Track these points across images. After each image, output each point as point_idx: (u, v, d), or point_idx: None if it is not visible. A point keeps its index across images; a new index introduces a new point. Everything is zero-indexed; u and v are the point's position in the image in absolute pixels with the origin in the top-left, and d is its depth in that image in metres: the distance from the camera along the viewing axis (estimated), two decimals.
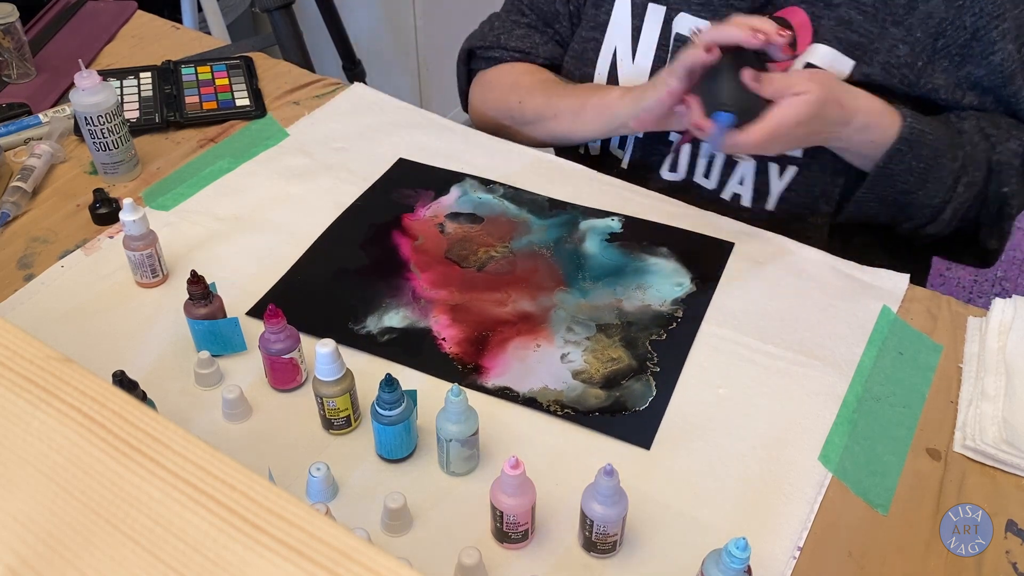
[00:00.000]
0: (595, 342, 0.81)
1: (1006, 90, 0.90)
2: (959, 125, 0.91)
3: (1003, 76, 0.89)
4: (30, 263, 0.90)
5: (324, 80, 1.19)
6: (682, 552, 0.65)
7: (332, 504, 0.67)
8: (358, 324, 0.83)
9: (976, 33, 0.87)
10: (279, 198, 0.98)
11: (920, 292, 0.87)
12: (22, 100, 1.13)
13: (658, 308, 0.84)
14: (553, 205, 0.97)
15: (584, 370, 0.78)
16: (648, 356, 0.79)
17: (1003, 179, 0.91)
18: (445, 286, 0.87)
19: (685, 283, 0.87)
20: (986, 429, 0.71)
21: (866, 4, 0.89)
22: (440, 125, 1.10)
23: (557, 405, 0.75)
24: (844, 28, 0.90)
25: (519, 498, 0.62)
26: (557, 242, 0.92)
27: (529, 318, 0.83)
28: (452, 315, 0.84)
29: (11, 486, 0.35)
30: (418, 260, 0.90)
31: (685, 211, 0.96)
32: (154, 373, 0.78)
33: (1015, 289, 2.09)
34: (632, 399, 0.76)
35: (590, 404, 0.75)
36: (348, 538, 0.32)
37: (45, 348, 0.40)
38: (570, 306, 0.84)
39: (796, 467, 0.70)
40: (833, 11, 0.90)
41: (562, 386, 0.77)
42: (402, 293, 0.86)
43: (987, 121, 0.91)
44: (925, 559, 0.65)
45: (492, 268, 0.89)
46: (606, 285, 0.87)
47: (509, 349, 0.80)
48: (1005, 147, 0.90)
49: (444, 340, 0.81)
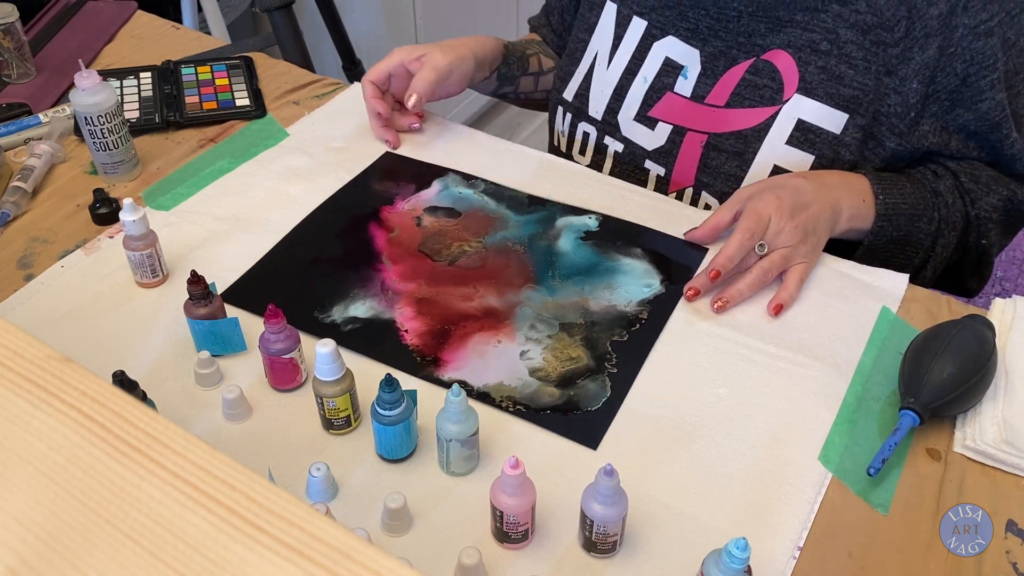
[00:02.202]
0: (556, 340, 0.81)
1: (991, 136, 0.91)
2: (935, 185, 0.92)
3: (989, 124, 0.90)
4: (30, 263, 0.90)
5: (324, 80, 1.20)
6: (682, 552, 0.65)
7: (332, 504, 0.67)
8: (324, 313, 0.84)
9: (967, 80, 0.87)
10: (279, 198, 0.98)
11: (920, 292, 0.87)
12: (22, 100, 1.13)
13: (623, 308, 0.84)
14: (532, 201, 0.97)
15: (541, 368, 0.78)
16: (607, 357, 0.79)
17: (982, 232, 0.94)
18: (414, 279, 0.88)
19: (655, 284, 0.87)
20: (986, 429, 0.71)
21: (855, 57, 0.89)
22: (440, 125, 1.10)
23: (510, 401, 0.75)
24: (835, 83, 0.90)
25: (519, 498, 0.62)
26: (532, 238, 0.92)
27: (494, 314, 0.84)
28: (417, 308, 0.84)
29: (11, 486, 0.35)
30: (391, 252, 0.91)
31: (685, 210, 0.96)
32: (154, 373, 0.78)
33: (1015, 289, 2.09)
34: (585, 399, 0.76)
35: (543, 402, 0.75)
36: (348, 538, 0.32)
37: (45, 348, 0.40)
38: (536, 304, 0.85)
39: (796, 467, 0.70)
40: (821, 59, 0.90)
41: (517, 383, 0.77)
42: (371, 284, 0.87)
43: (967, 176, 0.93)
44: (925, 559, 0.65)
45: (463, 262, 0.90)
46: (575, 284, 0.87)
47: (470, 344, 0.81)
48: (984, 202, 0.93)
49: (406, 332, 0.82)
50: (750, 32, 0.93)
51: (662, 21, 0.98)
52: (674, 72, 0.98)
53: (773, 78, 0.92)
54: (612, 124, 1.03)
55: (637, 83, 1.00)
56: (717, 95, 0.95)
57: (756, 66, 0.93)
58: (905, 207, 0.90)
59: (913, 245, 0.92)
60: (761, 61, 0.93)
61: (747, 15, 0.93)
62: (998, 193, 0.93)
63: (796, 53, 0.91)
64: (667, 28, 0.98)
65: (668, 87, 0.98)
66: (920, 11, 0.86)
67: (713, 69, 0.95)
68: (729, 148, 0.95)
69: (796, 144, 0.92)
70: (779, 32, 0.92)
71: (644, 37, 1.00)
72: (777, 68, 0.92)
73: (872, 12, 0.87)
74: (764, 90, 0.93)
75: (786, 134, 0.92)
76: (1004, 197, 0.94)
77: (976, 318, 0.77)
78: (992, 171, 0.94)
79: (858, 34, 0.88)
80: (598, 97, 1.03)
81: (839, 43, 0.89)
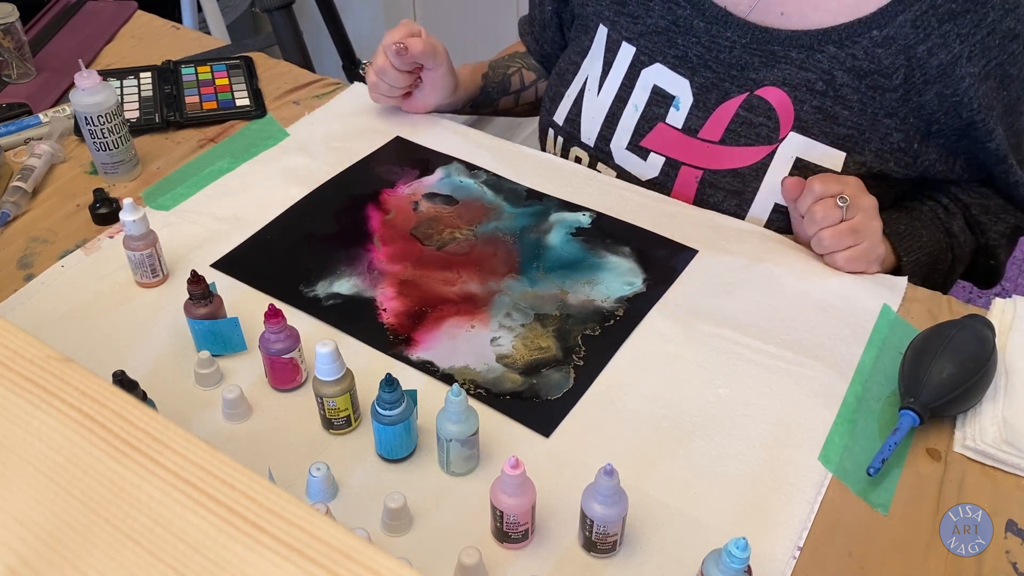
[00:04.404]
0: (528, 330, 0.81)
1: (996, 168, 0.93)
2: (948, 225, 0.94)
3: (996, 158, 0.91)
4: (30, 263, 0.90)
5: (324, 80, 1.20)
6: (682, 552, 0.64)
7: (332, 504, 0.67)
8: (308, 287, 0.86)
9: (973, 123, 0.88)
10: (279, 198, 0.98)
11: (920, 292, 0.87)
12: (22, 100, 1.13)
13: (600, 304, 0.84)
14: (530, 195, 0.98)
15: (509, 355, 0.79)
16: (576, 349, 0.80)
17: (991, 254, 0.97)
18: (401, 260, 0.89)
19: (636, 283, 0.87)
20: (986, 429, 0.71)
21: (851, 99, 0.89)
22: (440, 125, 1.10)
23: (471, 384, 0.76)
24: (830, 123, 0.90)
25: (519, 498, 0.62)
26: (523, 231, 0.93)
27: (472, 299, 0.85)
28: (399, 288, 0.86)
29: (11, 486, 0.35)
30: (384, 233, 0.93)
31: (685, 210, 0.96)
32: (154, 373, 0.78)
33: (1015, 289, 2.09)
34: (546, 388, 0.76)
35: (504, 388, 0.76)
36: (348, 538, 0.32)
37: (45, 348, 0.40)
38: (515, 293, 0.85)
39: (796, 467, 0.70)
40: (816, 99, 0.90)
41: (483, 367, 0.78)
42: (359, 263, 0.89)
43: (978, 208, 0.95)
44: (925, 559, 0.65)
45: (451, 248, 0.91)
46: (557, 277, 0.87)
47: (443, 327, 0.82)
48: (994, 230, 0.96)
49: (384, 311, 0.83)
50: (743, 65, 0.92)
51: (650, 48, 0.97)
52: (665, 102, 0.97)
53: (769, 116, 0.92)
54: (605, 151, 1.02)
55: (628, 111, 0.99)
56: (711, 130, 0.95)
57: (750, 102, 0.92)
58: (924, 258, 0.91)
59: (928, 284, 0.93)
60: (755, 97, 0.92)
61: (740, 47, 0.92)
62: (1007, 222, 0.96)
63: (791, 92, 0.91)
64: (655, 55, 0.97)
65: (660, 117, 0.97)
66: (920, 61, 0.85)
67: (705, 102, 0.95)
68: (727, 186, 0.94)
69: None
70: (773, 67, 0.91)
71: (632, 64, 0.99)
72: (772, 105, 0.91)
73: (869, 59, 0.87)
74: (760, 128, 0.92)
75: (785, 172, 0.92)
76: (1012, 225, 0.96)
77: (976, 318, 0.77)
78: (1000, 200, 0.96)
79: (854, 78, 0.88)
80: (589, 123, 1.02)
81: (835, 85, 0.89)
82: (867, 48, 0.87)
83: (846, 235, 0.85)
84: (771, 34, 0.90)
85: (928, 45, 0.85)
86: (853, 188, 0.85)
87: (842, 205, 0.83)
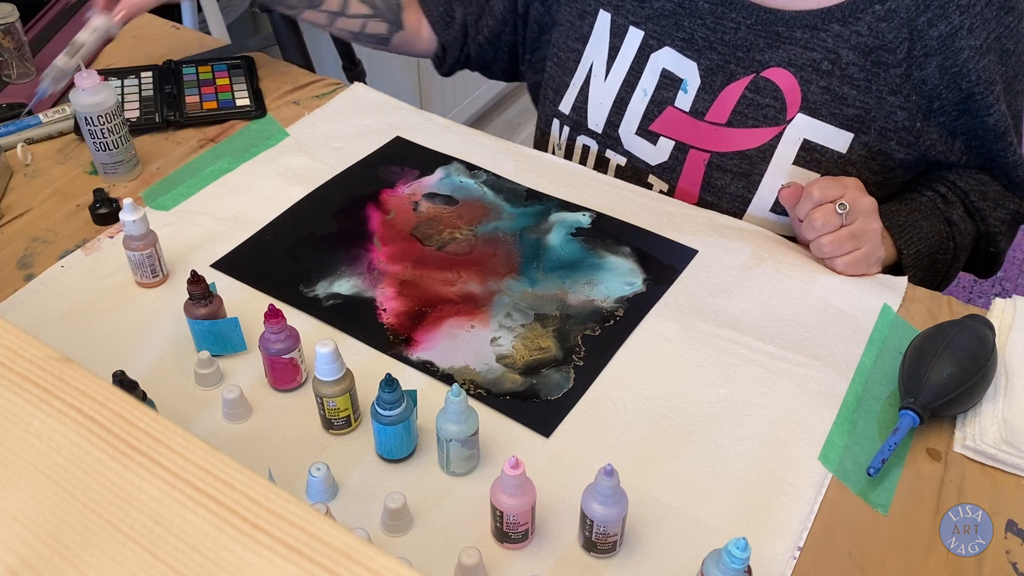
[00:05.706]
0: (529, 330, 0.81)
1: (995, 145, 0.92)
2: (948, 214, 0.94)
3: (995, 133, 0.91)
4: (30, 263, 0.90)
5: (324, 80, 1.19)
6: (682, 552, 0.65)
7: (332, 504, 0.67)
8: (308, 287, 0.86)
9: (972, 95, 0.88)
10: (279, 198, 0.98)
11: (920, 292, 0.87)
12: (22, 100, 1.13)
13: (600, 304, 0.84)
14: (530, 195, 0.98)
15: (509, 355, 0.79)
16: (576, 349, 0.80)
17: (991, 241, 0.97)
18: (401, 261, 0.89)
19: (636, 283, 0.87)
20: (986, 429, 0.71)
21: (857, 78, 0.89)
22: (440, 125, 1.10)
23: (471, 384, 0.76)
24: (838, 104, 0.90)
25: (519, 498, 0.62)
26: (523, 231, 0.93)
27: (472, 299, 0.85)
28: (399, 288, 0.86)
29: (11, 486, 0.35)
30: (384, 233, 0.93)
31: (685, 209, 0.96)
32: (154, 373, 0.78)
33: (1015, 289, 2.09)
34: (546, 388, 0.76)
35: (504, 388, 0.76)
36: (348, 538, 0.32)
37: (45, 348, 0.40)
38: (516, 293, 0.85)
39: (796, 467, 0.70)
40: (823, 79, 0.90)
41: (483, 367, 0.78)
42: (359, 263, 0.89)
43: (977, 195, 0.95)
44: (925, 559, 0.65)
45: (451, 248, 0.91)
46: (557, 277, 0.87)
47: (443, 327, 0.82)
48: (994, 217, 0.96)
49: (384, 311, 0.83)
50: (748, 47, 0.92)
51: (658, 31, 0.97)
52: (674, 86, 0.97)
53: (775, 97, 0.92)
54: (613, 138, 1.02)
55: (637, 96, 0.99)
56: (717, 112, 0.95)
57: (756, 83, 0.92)
58: (925, 250, 0.91)
59: (931, 275, 0.93)
60: (761, 78, 0.92)
61: (745, 28, 0.92)
62: (1006, 208, 0.96)
63: (797, 72, 0.90)
64: (663, 39, 0.97)
65: (669, 101, 0.97)
66: (921, 32, 0.85)
67: (711, 84, 0.95)
68: (734, 168, 0.94)
69: (803, 164, 0.92)
70: (778, 48, 0.91)
71: (641, 48, 0.98)
72: (779, 87, 0.91)
73: (873, 34, 0.87)
74: (767, 109, 0.92)
75: (792, 154, 0.92)
76: (1011, 211, 0.96)
77: (976, 318, 0.77)
78: (998, 186, 0.96)
79: (859, 56, 0.88)
80: (597, 110, 1.02)
81: (840, 64, 0.89)
82: (871, 23, 0.87)
83: (846, 240, 0.85)
84: (775, 15, 0.91)
85: (928, 16, 0.85)
86: (852, 190, 0.85)
87: (841, 212, 0.83)
